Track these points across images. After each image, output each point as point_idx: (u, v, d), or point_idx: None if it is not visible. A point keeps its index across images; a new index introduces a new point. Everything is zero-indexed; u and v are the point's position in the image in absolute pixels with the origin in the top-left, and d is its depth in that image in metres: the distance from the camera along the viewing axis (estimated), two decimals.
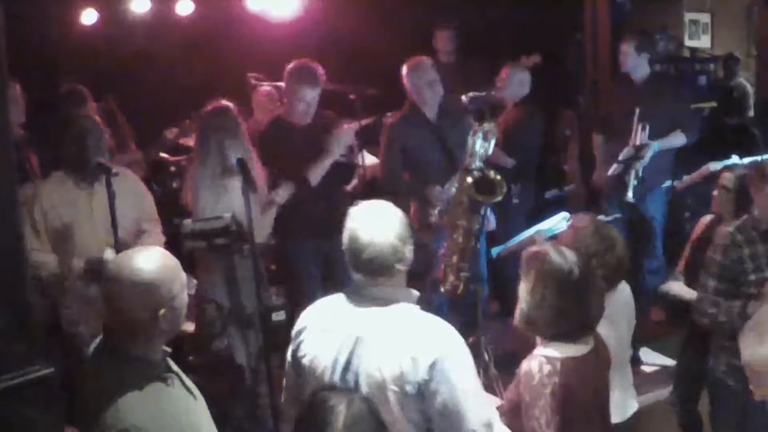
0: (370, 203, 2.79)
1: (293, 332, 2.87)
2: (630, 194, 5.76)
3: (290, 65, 5.08)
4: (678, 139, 6.00)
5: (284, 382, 2.91)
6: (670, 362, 5.34)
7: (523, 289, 2.94)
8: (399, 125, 5.51)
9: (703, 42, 7.59)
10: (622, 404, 3.62)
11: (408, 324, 2.68)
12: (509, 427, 3.00)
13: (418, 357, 2.59)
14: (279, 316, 4.51)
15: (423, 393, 2.60)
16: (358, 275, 2.74)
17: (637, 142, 5.69)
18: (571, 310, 2.89)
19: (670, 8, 7.59)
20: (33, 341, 3.23)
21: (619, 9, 7.14)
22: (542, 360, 2.85)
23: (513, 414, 2.97)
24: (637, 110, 5.70)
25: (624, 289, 3.71)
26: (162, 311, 2.46)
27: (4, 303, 3.16)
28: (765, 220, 3.81)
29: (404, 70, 5.46)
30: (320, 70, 5.04)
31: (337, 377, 2.69)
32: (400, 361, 2.60)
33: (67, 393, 3.29)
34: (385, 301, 2.71)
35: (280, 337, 4.22)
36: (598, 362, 3.00)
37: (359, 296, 2.75)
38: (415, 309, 2.74)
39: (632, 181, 5.73)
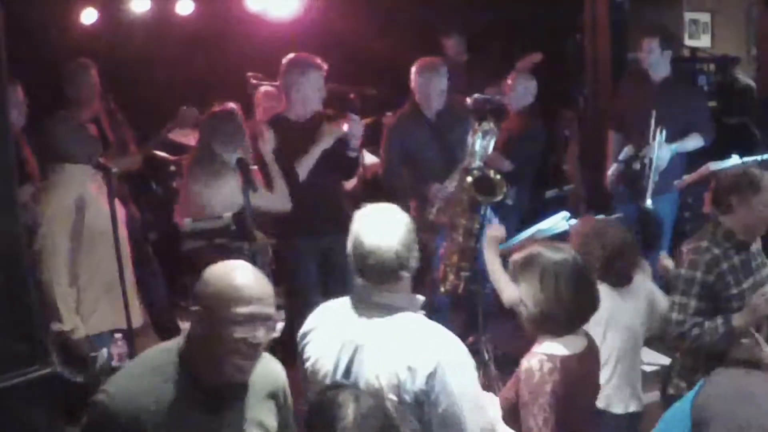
0: (376, 207, 2.76)
1: (299, 334, 2.85)
2: (649, 201, 5.58)
3: (284, 60, 5.02)
4: (695, 142, 5.81)
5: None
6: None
7: (527, 291, 2.92)
8: (398, 123, 5.53)
9: (704, 41, 7.59)
10: (626, 397, 3.67)
11: (407, 332, 2.65)
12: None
13: (415, 367, 2.57)
14: (278, 315, 4.50)
15: (422, 402, 2.58)
16: (362, 280, 2.71)
17: (655, 144, 5.53)
18: (586, 297, 2.94)
19: (669, 8, 7.58)
20: (33, 341, 3.23)
21: (619, 9, 7.13)
22: (543, 358, 2.84)
23: (509, 414, 2.93)
24: (654, 112, 5.54)
25: (642, 284, 3.77)
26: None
27: (4, 303, 3.16)
28: (738, 231, 3.60)
29: (415, 69, 5.42)
30: (318, 59, 4.98)
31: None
32: (397, 371, 2.59)
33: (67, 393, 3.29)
34: (387, 309, 2.68)
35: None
36: (593, 359, 3.02)
37: (362, 302, 2.72)
38: (418, 316, 2.71)
39: (650, 187, 5.55)
